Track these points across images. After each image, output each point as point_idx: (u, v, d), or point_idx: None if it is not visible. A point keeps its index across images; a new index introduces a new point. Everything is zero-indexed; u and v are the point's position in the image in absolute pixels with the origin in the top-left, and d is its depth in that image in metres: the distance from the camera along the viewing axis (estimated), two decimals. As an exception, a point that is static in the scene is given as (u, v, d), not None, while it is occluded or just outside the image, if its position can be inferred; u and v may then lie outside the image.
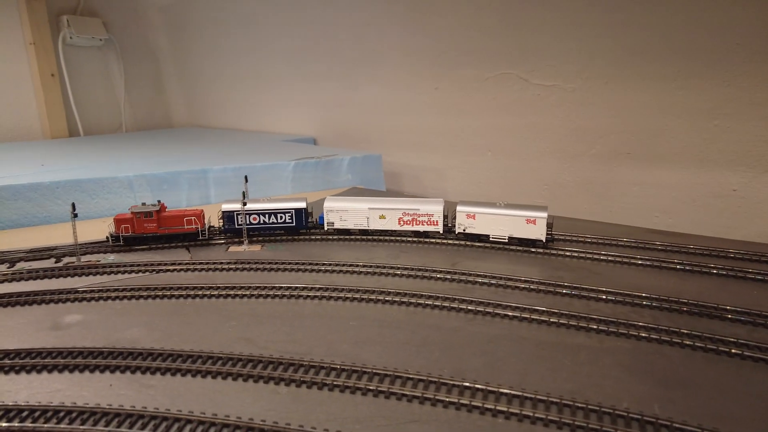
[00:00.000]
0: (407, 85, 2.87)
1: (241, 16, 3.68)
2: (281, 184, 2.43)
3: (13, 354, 1.00)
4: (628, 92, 2.17)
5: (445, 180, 2.87)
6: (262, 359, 0.97)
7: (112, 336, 1.08)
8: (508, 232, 1.60)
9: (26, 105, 3.60)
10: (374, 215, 1.68)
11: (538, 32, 2.35)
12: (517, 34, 2.42)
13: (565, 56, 2.30)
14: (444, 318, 1.15)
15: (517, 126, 2.52)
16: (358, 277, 1.38)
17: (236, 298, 1.26)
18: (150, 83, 4.33)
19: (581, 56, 2.25)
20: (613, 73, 2.19)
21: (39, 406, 0.84)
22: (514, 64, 2.46)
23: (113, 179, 2.08)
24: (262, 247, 1.65)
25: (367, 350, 1.02)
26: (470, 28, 2.56)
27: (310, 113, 3.49)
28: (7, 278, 1.41)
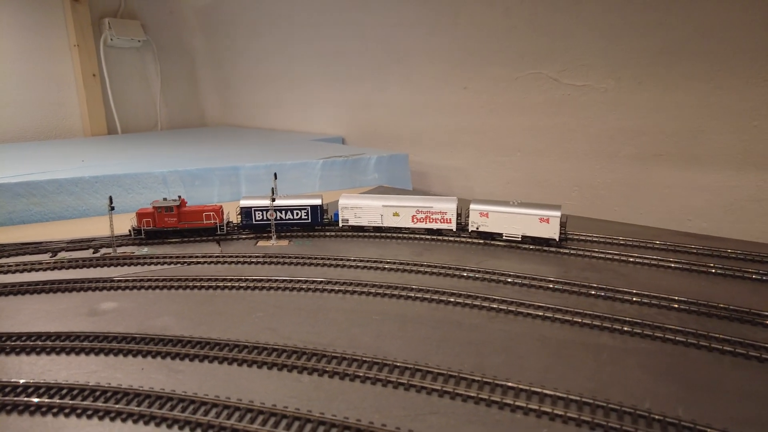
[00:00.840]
0: (435, 85, 2.87)
1: (273, 18, 3.75)
2: (310, 182, 2.47)
3: (54, 337, 1.06)
4: (663, 92, 2.12)
5: (472, 180, 2.86)
6: (286, 348, 0.99)
7: (145, 323, 1.13)
8: (521, 230, 1.59)
9: (69, 104, 3.75)
10: (388, 212, 1.70)
11: (570, 32, 2.32)
12: (547, 34, 2.40)
13: (598, 56, 2.27)
14: (466, 315, 1.16)
15: (546, 126, 2.50)
16: (382, 273, 1.40)
17: (263, 290, 1.30)
18: (184, 83, 4.46)
19: (614, 56, 2.21)
20: (648, 73, 2.14)
21: (77, 385, 0.89)
22: (544, 64, 2.44)
23: (148, 175, 2.16)
24: (289, 243, 1.68)
25: (388, 343, 1.03)
26: (500, 27, 2.55)
27: (338, 113, 3.53)
28: (49, 267, 1.48)
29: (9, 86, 3.50)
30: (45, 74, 3.63)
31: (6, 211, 1.99)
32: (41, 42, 3.58)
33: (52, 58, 3.64)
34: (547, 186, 2.57)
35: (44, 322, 1.14)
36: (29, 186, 2.02)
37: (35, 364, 0.98)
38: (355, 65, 3.28)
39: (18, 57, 3.51)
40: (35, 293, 1.30)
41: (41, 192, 2.04)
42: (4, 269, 1.46)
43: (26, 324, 1.13)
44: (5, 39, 3.46)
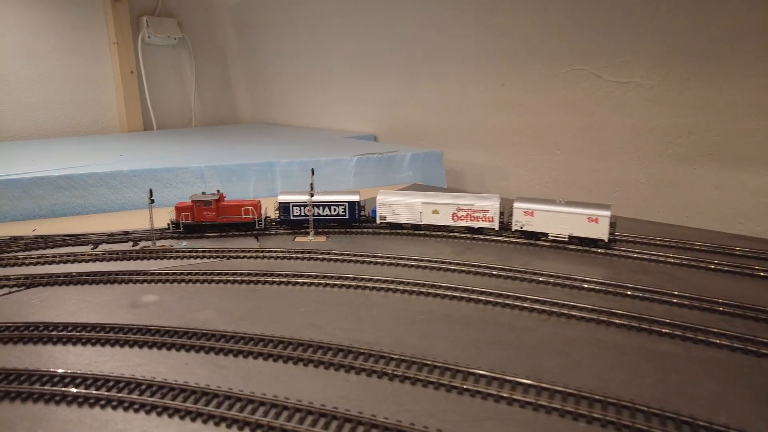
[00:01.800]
0: (471, 82, 2.82)
1: (305, 17, 3.75)
2: (344, 179, 2.45)
3: (99, 328, 1.05)
4: (712, 90, 2.03)
5: (508, 179, 2.80)
6: (331, 346, 0.96)
7: (186, 316, 1.12)
8: (568, 230, 1.53)
9: (107, 101, 3.82)
10: (427, 210, 1.66)
11: (613, 27, 2.24)
12: (589, 29, 2.32)
13: (643, 52, 2.18)
14: (516, 317, 1.11)
15: (588, 124, 2.42)
16: (423, 271, 1.36)
17: (304, 285, 1.27)
18: (218, 80, 4.50)
19: (660, 52, 2.12)
20: (696, 70, 2.05)
21: (123, 378, 0.87)
22: (585, 60, 2.36)
23: (186, 169, 2.17)
24: (327, 239, 1.66)
25: (435, 344, 0.99)
26: (539, 24, 2.48)
27: (370, 110, 3.50)
28: (91, 258, 1.49)
29: (51, 84, 3.59)
30: (85, 72, 3.70)
31: (49, 203, 2.03)
32: (82, 40, 3.66)
33: (93, 56, 3.71)
34: (587, 186, 2.49)
35: (88, 313, 1.14)
36: (71, 179, 2.05)
37: (81, 355, 0.97)
38: (387, 63, 3.25)
39: (60, 55, 3.59)
40: (78, 284, 1.31)
41: (82, 185, 2.06)
42: (49, 260, 1.47)
43: (71, 314, 1.13)
44: (48, 38, 3.54)
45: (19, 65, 3.44)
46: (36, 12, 3.47)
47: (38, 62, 3.51)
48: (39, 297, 1.23)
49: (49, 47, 3.54)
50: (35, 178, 2.00)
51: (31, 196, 2.00)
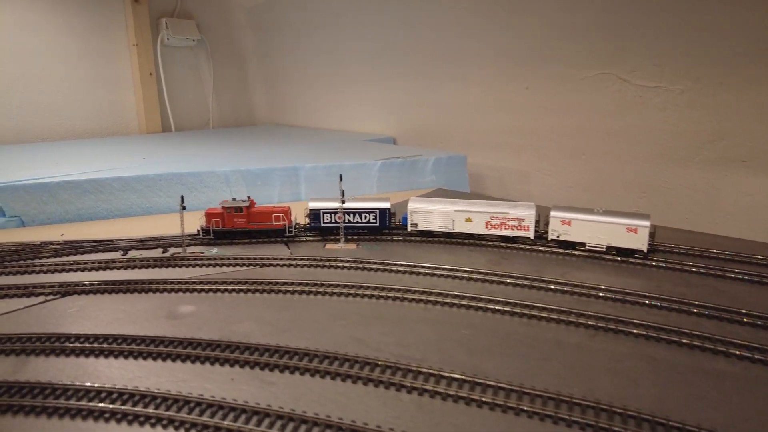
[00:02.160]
0: (494, 84, 2.79)
1: (324, 18, 3.73)
2: (367, 183, 2.43)
3: (139, 340, 1.04)
4: (745, 94, 1.98)
5: (531, 183, 2.77)
6: (379, 362, 0.94)
7: (226, 328, 1.10)
8: (606, 240, 1.50)
9: (126, 102, 3.83)
10: (460, 218, 1.63)
11: (642, 31, 2.20)
12: (618, 33, 2.28)
13: (673, 56, 2.14)
14: (563, 332, 1.08)
15: (614, 128, 2.38)
16: (461, 282, 1.34)
17: (341, 296, 1.25)
18: (235, 82, 4.50)
19: (692, 56, 2.08)
20: (729, 74, 2.01)
21: (170, 395, 0.86)
22: (613, 64, 2.33)
23: (211, 173, 2.16)
24: (357, 246, 1.64)
25: (485, 361, 0.97)
26: (565, 26, 2.44)
27: (389, 113, 3.48)
28: (122, 266, 1.48)
29: (72, 86, 3.60)
30: (105, 74, 3.71)
31: (76, 207, 2.02)
32: (102, 42, 3.67)
33: (112, 58, 3.72)
34: (612, 191, 2.45)
35: (125, 324, 1.13)
36: (97, 183, 2.04)
37: (124, 369, 0.96)
38: (408, 64, 3.23)
39: (81, 57, 3.60)
40: (113, 293, 1.30)
41: (108, 189, 2.06)
42: (81, 266, 1.46)
43: (109, 325, 1.12)
44: (70, 40, 3.55)
45: (41, 67, 3.45)
46: (58, 14, 3.48)
47: (60, 64, 3.52)
48: (75, 306, 1.22)
49: (70, 49, 3.55)
50: (62, 182, 2.00)
51: (58, 200, 1.99)
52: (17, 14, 3.35)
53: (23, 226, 1.96)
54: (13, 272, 1.45)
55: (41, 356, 1.01)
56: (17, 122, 3.42)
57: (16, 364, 0.98)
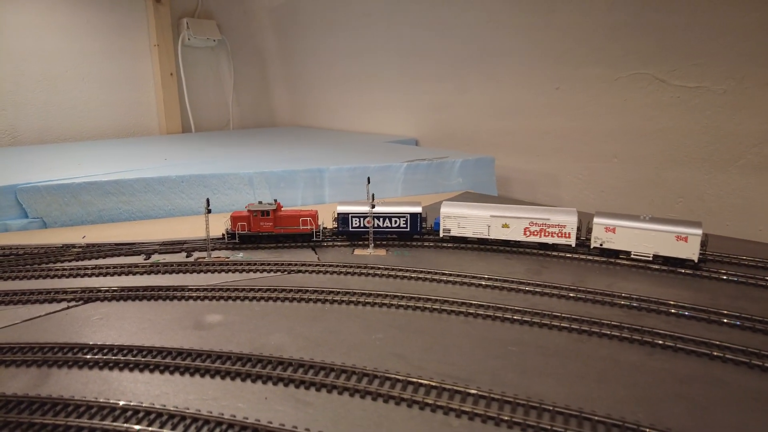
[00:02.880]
0: (524, 85, 2.70)
1: (347, 18, 3.68)
2: (392, 186, 2.36)
3: (165, 353, 0.98)
4: (795, 94, 1.88)
5: (560, 187, 2.67)
6: (422, 382, 0.87)
7: (257, 341, 1.04)
8: (653, 249, 1.41)
9: (147, 103, 3.82)
10: (496, 223, 1.55)
11: (683, 29, 2.10)
12: (656, 31, 2.19)
13: (716, 54, 2.04)
14: (618, 349, 1.00)
15: (650, 131, 2.28)
16: (500, 293, 1.26)
17: (375, 306, 1.19)
18: (256, 83, 4.47)
19: (735, 55, 1.98)
20: (775, 73, 1.90)
21: (200, 415, 0.80)
22: (650, 64, 2.23)
23: (235, 175, 2.11)
24: (387, 252, 1.57)
25: (537, 382, 0.89)
26: (601, 25, 2.35)
27: (412, 114, 3.41)
28: (146, 270, 1.43)
29: (94, 86, 3.59)
30: (126, 74, 3.70)
31: (97, 208, 1.99)
32: (125, 42, 3.66)
33: (134, 58, 3.71)
34: (646, 196, 2.35)
35: (151, 334, 1.07)
36: (119, 184, 2.01)
37: (151, 384, 0.90)
38: (434, 65, 3.15)
39: (103, 57, 3.60)
40: (137, 299, 1.24)
41: (130, 190, 2.02)
42: (104, 271, 1.42)
43: (134, 335, 1.07)
44: (93, 40, 3.54)
45: (65, 67, 3.45)
46: (81, 14, 3.48)
47: (83, 64, 3.52)
48: (98, 313, 1.17)
49: (93, 49, 3.54)
50: (84, 183, 1.96)
51: (80, 202, 1.96)
52: (42, 15, 3.35)
53: (45, 227, 1.93)
54: (35, 276, 1.40)
55: (64, 368, 0.96)
56: (41, 122, 3.42)
57: (39, 376, 0.93)
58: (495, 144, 2.89)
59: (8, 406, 0.84)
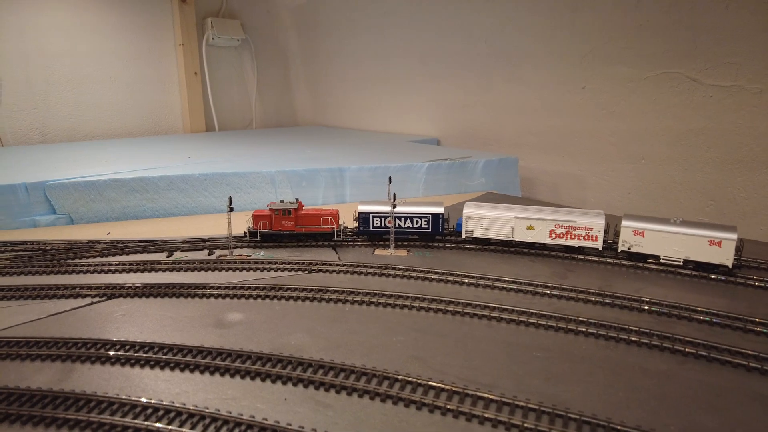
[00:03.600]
0: (549, 84, 2.65)
1: (370, 18, 3.67)
2: (414, 186, 2.34)
3: (186, 350, 0.98)
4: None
5: (585, 188, 2.62)
6: (444, 387, 0.85)
7: (277, 340, 1.03)
8: (684, 253, 1.36)
9: (172, 102, 3.87)
10: (521, 225, 1.51)
11: (717, 26, 2.04)
12: (688, 29, 2.12)
13: (752, 52, 1.96)
14: (647, 357, 0.97)
15: (680, 131, 2.22)
16: (525, 296, 1.23)
17: (395, 307, 1.17)
18: (279, 82, 4.49)
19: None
20: (816, 72, 1.83)
21: (219, 415, 0.79)
22: (681, 62, 2.16)
23: (257, 174, 2.11)
24: (408, 253, 1.55)
25: (563, 390, 0.86)
26: (629, 23, 2.29)
27: (434, 114, 3.38)
28: (168, 267, 1.44)
29: (121, 85, 3.66)
30: (152, 73, 3.75)
31: (121, 205, 2.01)
32: (150, 42, 3.71)
33: (159, 58, 3.76)
34: (675, 198, 2.28)
35: (172, 332, 1.08)
36: (143, 182, 2.03)
37: (171, 382, 0.90)
38: (457, 64, 3.12)
39: (129, 57, 3.66)
40: (158, 296, 1.25)
41: (153, 188, 2.04)
42: (127, 268, 1.43)
43: (155, 333, 1.07)
44: (120, 40, 3.61)
45: (93, 67, 3.52)
46: (110, 15, 3.54)
47: (110, 64, 3.58)
48: (121, 310, 1.18)
49: (120, 49, 3.60)
50: (109, 180, 1.99)
51: (105, 199, 1.99)
52: (73, 16, 3.42)
53: (72, 223, 1.97)
54: (61, 271, 1.43)
55: (87, 363, 0.96)
56: (70, 121, 3.49)
57: (63, 371, 0.94)
58: (518, 144, 2.85)
59: (33, 400, 0.85)
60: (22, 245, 1.66)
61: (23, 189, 1.90)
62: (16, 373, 0.94)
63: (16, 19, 3.21)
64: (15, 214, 1.90)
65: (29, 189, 1.90)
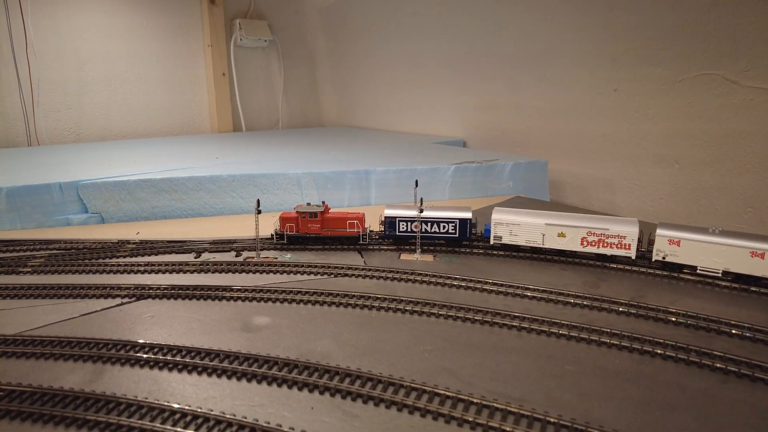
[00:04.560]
0: (579, 86, 2.60)
1: (398, 18, 3.65)
2: (439, 189, 2.32)
3: (213, 355, 0.98)
4: None
5: (615, 193, 2.55)
6: (473, 400, 0.83)
7: (303, 346, 1.03)
8: (723, 264, 1.30)
9: (200, 102, 3.92)
10: (551, 232, 1.48)
11: (758, 27, 1.96)
12: (726, 30, 2.04)
13: (796, 53, 1.89)
14: (685, 374, 0.93)
15: (716, 135, 2.14)
16: (556, 306, 1.20)
17: (423, 315, 1.15)
18: (305, 83, 4.51)
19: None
20: None
21: (245, 422, 0.79)
22: (721, 64, 2.09)
23: (284, 176, 2.12)
24: (434, 258, 1.54)
25: (596, 406, 0.84)
26: (665, 23, 2.22)
27: (461, 115, 3.35)
28: (196, 269, 1.45)
29: (151, 86, 3.73)
30: (181, 74, 3.81)
31: (150, 205, 2.04)
32: (180, 44, 3.77)
33: (188, 59, 3.82)
34: (710, 205, 2.21)
35: (199, 335, 1.08)
36: (172, 182, 2.06)
37: (198, 387, 0.90)
38: (485, 66, 3.08)
39: (160, 58, 3.72)
40: (186, 298, 1.26)
41: (182, 188, 2.07)
42: (156, 269, 1.45)
43: (184, 335, 1.08)
44: (151, 42, 3.67)
45: (125, 68, 3.59)
46: (141, 17, 3.61)
47: (141, 65, 3.65)
48: (150, 311, 1.19)
49: (150, 51, 3.67)
50: (139, 181, 2.02)
51: (135, 198, 2.02)
52: (106, 18, 3.50)
53: (103, 222, 2.01)
54: (92, 271, 1.45)
55: (117, 365, 0.97)
56: (102, 121, 3.57)
57: (94, 372, 0.95)
58: (547, 147, 2.79)
59: (65, 400, 0.86)
60: (56, 243, 1.70)
61: (58, 188, 1.94)
62: (50, 372, 0.96)
63: (53, 21, 3.30)
64: (50, 213, 1.95)
65: (63, 188, 1.95)
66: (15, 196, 1.89)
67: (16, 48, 3.17)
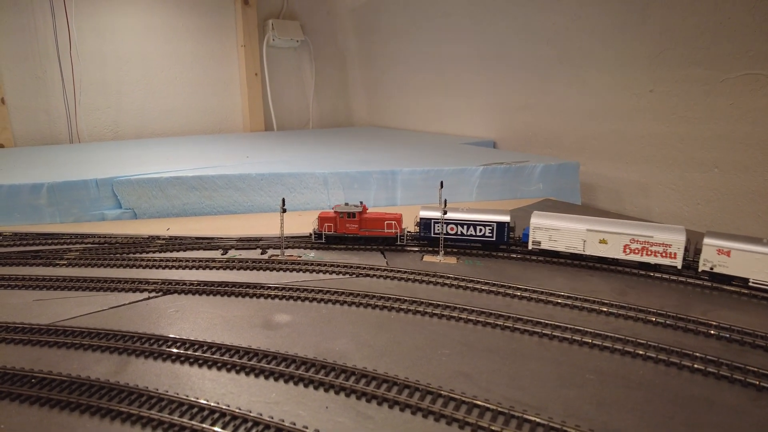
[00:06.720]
0: (613, 86, 2.53)
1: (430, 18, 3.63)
2: (466, 190, 2.30)
3: (233, 351, 1.00)
4: None
5: (650, 197, 2.47)
6: (489, 406, 0.82)
7: (321, 345, 1.03)
8: None
9: (233, 102, 4.00)
10: (593, 238, 1.43)
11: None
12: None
13: None
14: (713, 389, 0.89)
15: (761, 138, 2.05)
16: (580, 313, 1.17)
17: (442, 318, 1.15)
18: (336, 83, 4.54)
19: None
20: None
21: (261, 419, 0.80)
22: (765, 63, 2.00)
23: (311, 175, 2.14)
24: (458, 261, 1.52)
25: (616, 418, 0.81)
26: (707, 22, 2.14)
27: (491, 116, 3.31)
28: (221, 266, 1.48)
29: (186, 86, 3.82)
30: (215, 74, 3.90)
31: (181, 202, 2.10)
32: (214, 44, 3.85)
33: (222, 59, 3.90)
34: (751, 211, 2.11)
35: (222, 331, 1.10)
36: (202, 180, 2.10)
37: (217, 382, 0.92)
38: (517, 66, 3.04)
39: (195, 58, 3.81)
40: (211, 294, 1.29)
41: (212, 186, 2.11)
42: (183, 264, 1.49)
43: (206, 331, 1.10)
44: (186, 42, 3.77)
45: (161, 68, 3.70)
46: (177, 18, 3.71)
47: (176, 65, 3.75)
48: (175, 306, 1.22)
49: (185, 51, 3.77)
50: (171, 178, 2.07)
51: (166, 195, 2.08)
52: (143, 19, 3.60)
53: (135, 218, 2.07)
54: (123, 265, 1.50)
55: (141, 358, 1.00)
56: (139, 119, 3.69)
57: (119, 363, 0.98)
58: (578, 148, 2.73)
59: (92, 390, 0.90)
60: (90, 237, 1.76)
61: (94, 184, 2.01)
62: (79, 362, 0.99)
63: (94, 23, 3.42)
64: (86, 208, 2.02)
65: (99, 184, 2.02)
66: (55, 191, 1.97)
67: (61, 49, 3.30)
